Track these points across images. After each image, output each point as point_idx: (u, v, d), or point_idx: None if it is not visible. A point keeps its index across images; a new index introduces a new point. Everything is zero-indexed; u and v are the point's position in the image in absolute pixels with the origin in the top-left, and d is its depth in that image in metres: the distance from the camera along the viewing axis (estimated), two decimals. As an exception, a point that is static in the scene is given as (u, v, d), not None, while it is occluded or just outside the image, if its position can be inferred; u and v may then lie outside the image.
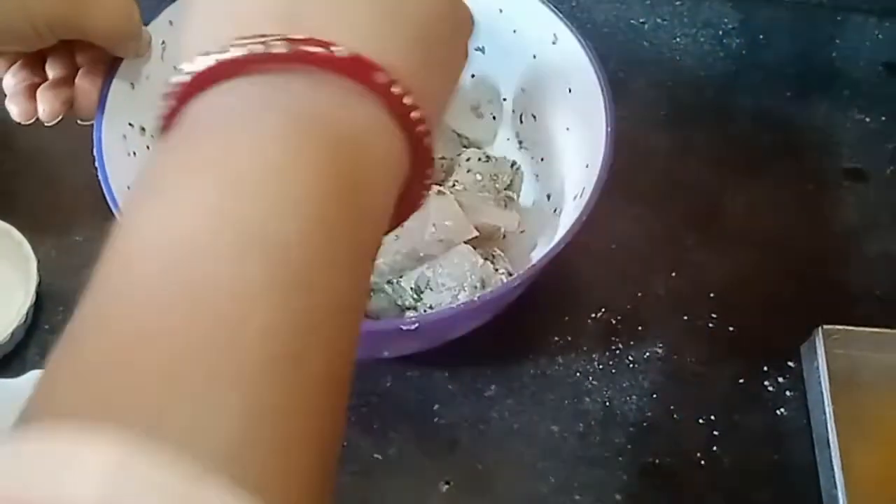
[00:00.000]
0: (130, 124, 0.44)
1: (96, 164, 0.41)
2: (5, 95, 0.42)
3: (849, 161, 0.58)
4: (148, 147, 0.45)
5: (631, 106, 0.56)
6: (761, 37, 0.64)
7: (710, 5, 0.65)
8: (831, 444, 0.44)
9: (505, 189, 0.52)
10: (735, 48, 0.63)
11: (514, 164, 0.53)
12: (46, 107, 0.41)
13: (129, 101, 0.43)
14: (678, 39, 0.64)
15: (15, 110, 0.42)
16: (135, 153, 0.44)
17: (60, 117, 0.42)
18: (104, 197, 0.53)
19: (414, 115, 0.22)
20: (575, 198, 0.44)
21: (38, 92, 0.41)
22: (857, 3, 0.65)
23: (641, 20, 0.65)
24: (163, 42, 0.44)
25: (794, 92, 0.61)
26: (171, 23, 0.45)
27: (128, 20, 0.40)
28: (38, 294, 0.47)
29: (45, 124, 0.42)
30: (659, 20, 0.65)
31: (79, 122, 0.42)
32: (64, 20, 0.38)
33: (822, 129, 0.60)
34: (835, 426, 0.44)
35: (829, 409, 0.44)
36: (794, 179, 0.57)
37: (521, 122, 0.52)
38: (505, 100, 0.53)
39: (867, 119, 0.60)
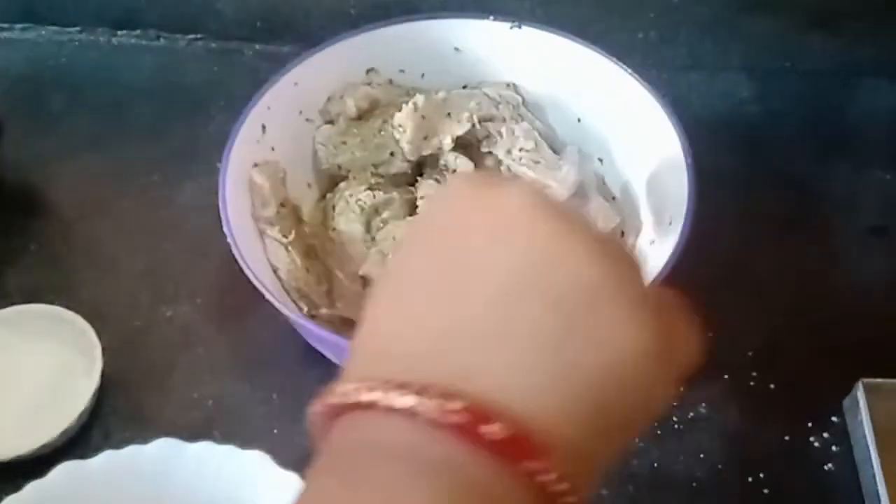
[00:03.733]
0: None
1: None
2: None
3: (873, 219, 0.60)
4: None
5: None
6: (777, 104, 0.67)
7: (726, 77, 0.68)
8: (881, 499, 0.44)
9: None
10: (752, 116, 0.66)
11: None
12: None
13: None
14: (697, 110, 0.67)
15: None
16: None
17: None
18: (159, 286, 0.56)
19: (562, 502, 0.20)
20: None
21: None
22: (867, 69, 0.67)
23: (662, 94, 0.67)
24: (262, 125, 0.49)
25: (814, 155, 0.63)
26: (269, 108, 0.50)
27: None
28: (102, 379, 0.50)
29: None
30: (677, 92, 0.67)
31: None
32: None
33: (843, 189, 0.61)
34: (883, 480, 0.44)
35: (876, 463, 0.45)
36: (820, 240, 0.58)
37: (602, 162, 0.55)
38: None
39: (888, 177, 0.62)
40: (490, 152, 0.53)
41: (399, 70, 0.56)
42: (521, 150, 0.51)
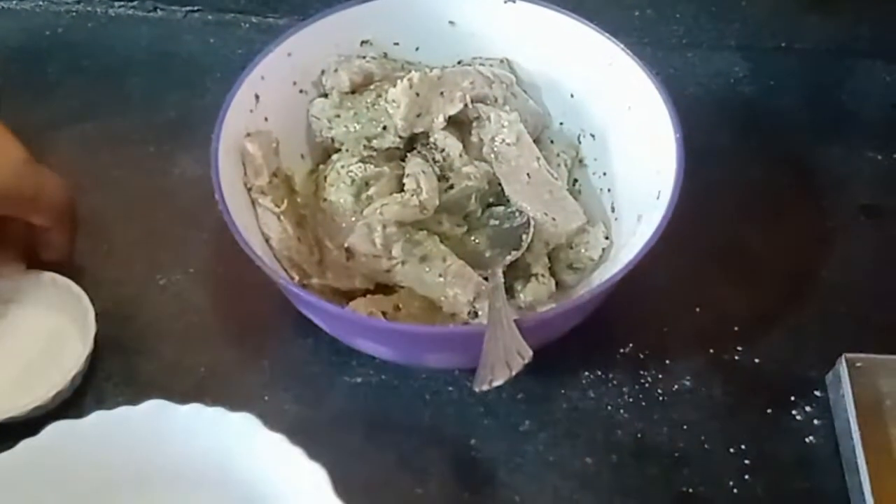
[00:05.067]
0: None
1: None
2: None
3: (865, 198, 0.60)
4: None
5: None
6: (772, 83, 0.67)
7: (721, 55, 0.68)
8: (860, 471, 0.45)
9: None
10: (747, 95, 0.66)
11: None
12: None
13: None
14: (691, 89, 0.67)
15: None
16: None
17: None
18: (153, 254, 0.56)
19: None
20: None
21: None
22: (862, 49, 0.67)
23: (655, 72, 0.68)
24: (256, 95, 0.50)
25: (808, 134, 0.64)
26: (262, 78, 0.50)
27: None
28: (95, 343, 0.50)
29: None
30: (672, 70, 0.68)
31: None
32: None
33: (837, 168, 0.62)
34: (863, 452, 0.45)
35: (856, 436, 0.46)
36: (812, 218, 0.59)
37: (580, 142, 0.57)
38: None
39: (879, 157, 0.62)
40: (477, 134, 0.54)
41: (393, 43, 0.56)
42: (503, 140, 0.52)
